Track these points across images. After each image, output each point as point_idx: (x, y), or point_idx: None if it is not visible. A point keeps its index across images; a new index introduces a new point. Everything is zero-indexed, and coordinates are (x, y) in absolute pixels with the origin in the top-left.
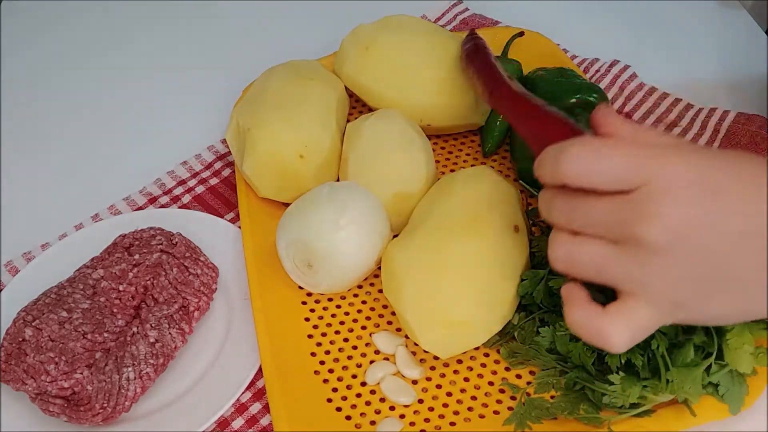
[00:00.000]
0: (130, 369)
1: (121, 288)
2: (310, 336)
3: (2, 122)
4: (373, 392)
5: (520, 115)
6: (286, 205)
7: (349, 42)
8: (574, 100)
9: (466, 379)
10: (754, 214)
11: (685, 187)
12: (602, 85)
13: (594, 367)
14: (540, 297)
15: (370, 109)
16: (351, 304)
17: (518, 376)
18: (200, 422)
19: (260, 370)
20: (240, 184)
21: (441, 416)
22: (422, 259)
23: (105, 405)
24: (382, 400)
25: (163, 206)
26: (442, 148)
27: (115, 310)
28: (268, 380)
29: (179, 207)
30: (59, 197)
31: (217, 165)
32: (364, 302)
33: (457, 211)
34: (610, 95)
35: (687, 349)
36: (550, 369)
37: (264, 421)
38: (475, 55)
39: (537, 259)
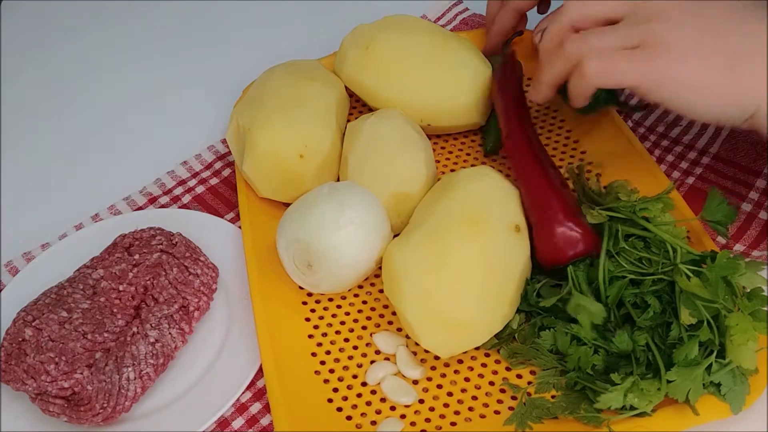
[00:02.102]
0: (130, 369)
1: (121, 288)
2: (310, 336)
3: (3, 122)
4: (373, 392)
5: (523, 172)
6: (286, 205)
7: (349, 42)
8: None
9: (467, 379)
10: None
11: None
12: None
13: (595, 369)
14: (534, 300)
15: (370, 109)
16: (351, 304)
17: (519, 376)
18: (200, 422)
19: (260, 370)
20: (240, 184)
21: (442, 416)
22: (422, 259)
23: (105, 405)
24: (383, 400)
25: (163, 206)
26: (442, 148)
27: (115, 310)
28: (268, 380)
29: (179, 207)
30: (59, 197)
31: (217, 165)
32: (364, 302)
33: (458, 211)
34: None
35: (691, 345)
36: (550, 369)
37: (264, 421)
38: (504, 83)
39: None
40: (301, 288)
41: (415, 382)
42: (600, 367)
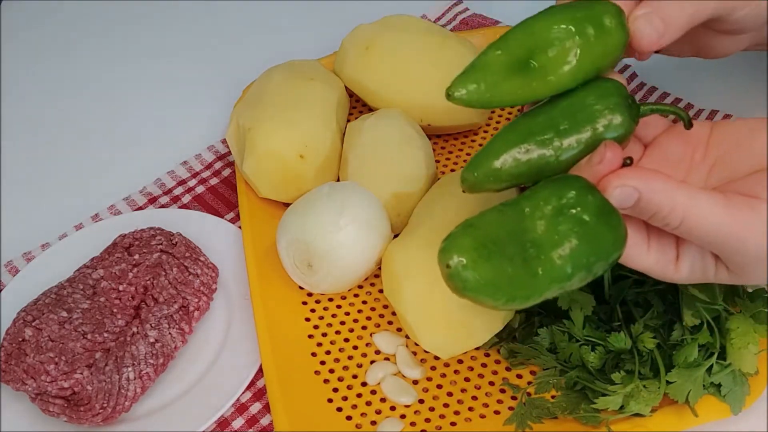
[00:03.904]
0: (130, 369)
1: (121, 288)
2: (310, 336)
3: (2, 122)
4: (373, 392)
5: None
6: (286, 205)
7: (349, 42)
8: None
9: (467, 379)
10: None
11: None
12: None
13: (593, 368)
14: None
15: (370, 109)
16: (351, 304)
17: (519, 376)
18: (200, 422)
19: (260, 370)
20: (240, 184)
21: (442, 416)
22: (422, 259)
23: (105, 405)
24: (383, 400)
25: (163, 206)
26: (442, 148)
27: (115, 310)
28: (268, 380)
29: (179, 207)
30: (59, 197)
31: (217, 165)
32: (364, 302)
33: (457, 211)
34: None
35: (691, 348)
36: (550, 369)
37: (264, 421)
38: None
39: None
40: (301, 288)
41: (415, 382)
42: (596, 365)
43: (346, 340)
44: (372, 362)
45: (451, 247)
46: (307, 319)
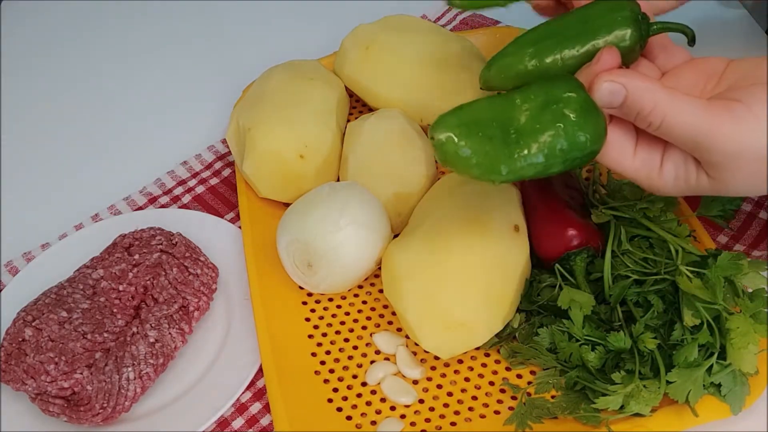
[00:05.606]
0: (130, 369)
1: (121, 288)
2: (310, 336)
3: (2, 122)
4: (373, 392)
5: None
6: (286, 205)
7: (349, 42)
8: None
9: (467, 379)
10: None
11: None
12: None
13: (593, 368)
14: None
15: (370, 109)
16: (351, 304)
17: (519, 376)
18: (200, 422)
19: (260, 370)
20: (240, 184)
21: (442, 416)
22: (422, 259)
23: (105, 405)
24: (383, 400)
25: (163, 206)
26: None
27: (115, 310)
28: (268, 380)
29: (179, 207)
30: (59, 197)
31: (217, 165)
32: (364, 302)
33: (457, 211)
34: None
35: (691, 348)
36: (550, 369)
37: (264, 421)
38: None
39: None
40: (301, 288)
41: (415, 382)
42: (596, 365)
43: (346, 340)
44: (372, 362)
45: (439, 124)
46: (307, 319)
